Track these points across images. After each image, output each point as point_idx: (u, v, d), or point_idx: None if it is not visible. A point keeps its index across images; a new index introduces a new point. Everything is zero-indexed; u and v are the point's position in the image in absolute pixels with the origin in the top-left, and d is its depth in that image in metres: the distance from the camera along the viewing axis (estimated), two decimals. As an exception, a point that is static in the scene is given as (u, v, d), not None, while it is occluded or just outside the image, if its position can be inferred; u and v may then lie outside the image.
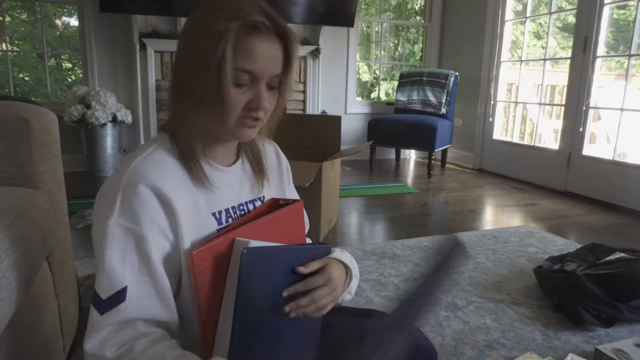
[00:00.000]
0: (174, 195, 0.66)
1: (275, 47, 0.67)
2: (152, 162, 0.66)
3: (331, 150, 2.39)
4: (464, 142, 4.50)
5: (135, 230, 0.63)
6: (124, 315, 0.62)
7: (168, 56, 3.77)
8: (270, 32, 0.66)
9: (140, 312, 0.63)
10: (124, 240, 0.62)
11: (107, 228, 0.62)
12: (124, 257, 0.62)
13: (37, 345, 0.93)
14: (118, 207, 0.62)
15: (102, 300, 0.61)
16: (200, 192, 0.71)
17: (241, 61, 0.64)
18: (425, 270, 0.72)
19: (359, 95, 5.29)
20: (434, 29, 4.80)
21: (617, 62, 3.91)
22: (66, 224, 1.17)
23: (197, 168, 0.70)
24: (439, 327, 1.45)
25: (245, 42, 0.64)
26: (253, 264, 0.65)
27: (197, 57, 0.65)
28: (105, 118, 3.38)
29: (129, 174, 0.64)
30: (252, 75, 0.66)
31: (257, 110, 0.68)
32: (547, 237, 2.34)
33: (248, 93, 0.67)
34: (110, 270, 0.62)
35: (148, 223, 0.64)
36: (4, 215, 0.80)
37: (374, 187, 3.45)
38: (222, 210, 0.74)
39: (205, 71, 0.64)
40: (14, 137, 0.97)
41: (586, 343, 1.38)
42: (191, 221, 0.68)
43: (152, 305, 0.64)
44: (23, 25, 4.20)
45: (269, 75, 0.67)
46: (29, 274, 0.84)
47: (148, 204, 0.64)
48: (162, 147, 0.69)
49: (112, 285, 0.62)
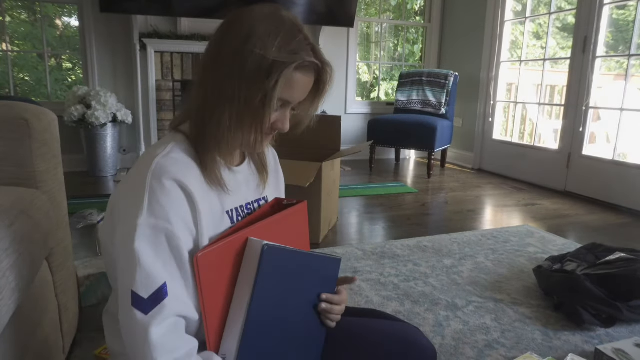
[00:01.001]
0: (196, 192, 0.67)
1: (311, 79, 0.71)
2: (173, 160, 0.67)
3: (331, 150, 2.39)
4: (463, 142, 4.50)
5: (166, 228, 0.63)
6: (170, 310, 0.62)
7: (168, 56, 3.77)
8: (314, 69, 0.71)
9: (179, 308, 0.64)
10: (156, 238, 0.63)
11: (137, 227, 0.62)
12: (158, 254, 0.63)
13: (37, 344, 0.93)
14: (147, 206, 0.62)
15: (144, 299, 0.61)
16: (214, 191, 0.72)
17: (284, 92, 0.68)
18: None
19: (359, 96, 5.29)
20: (433, 29, 4.80)
21: (616, 62, 3.91)
22: (66, 224, 1.17)
23: (215, 169, 0.72)
24: (438, 327, 1.45)
25: (293, 76, 0.67)
26: (271, 263, 0.66)
27: (244, 75, 0.66)
28: (106, 118, 3.38)
29: (153, 172, 0.64)
30: (286, 102, 0.70)
31: (280, 130, 0.73)
32: (546, 237, 2.34)
33: (276, 115, 0.71)
34: (147, 268, 0.61)
35: (178, 220, 0.64)
36: (4, 215, 0.80)
37: (374, 187, 3.46)
38: (233, 208, 0.76)
39: (249, 90, 0.66)
40: (15, 137, 0.97)
41: (586, 343, 1.38)
42: (209, 219, 0.69)
43: (185, 302, 0.65)
44: (23, 26, 4.20)
45: (297, 102, 0.72)
46: (29, 274, 0.84)
47: (176, 200, 0.64)
48: (179, 147, 0.70)
49: (152, 283, 0.62)
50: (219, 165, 0.73)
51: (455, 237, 2.32)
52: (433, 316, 1.52)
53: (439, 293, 1.69)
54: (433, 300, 1.63)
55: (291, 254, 0.71)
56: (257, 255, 0.65)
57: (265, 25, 0.67)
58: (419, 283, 1.76)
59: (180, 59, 3.80)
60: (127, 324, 0.62)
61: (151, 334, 0.60)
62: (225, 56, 0.67)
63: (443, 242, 2.23)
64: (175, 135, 0.73)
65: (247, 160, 0.83)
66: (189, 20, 3.76)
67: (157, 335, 0.61)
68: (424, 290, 1.71)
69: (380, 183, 3.63)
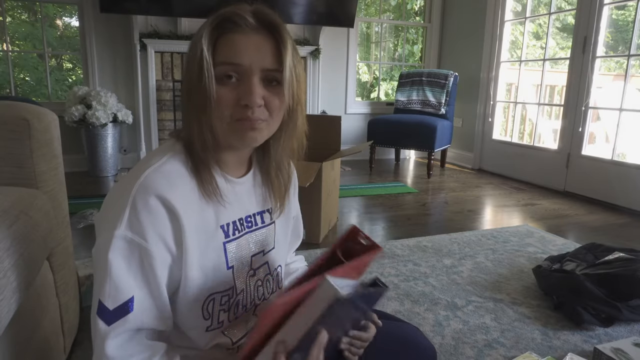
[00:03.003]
0: (182, 209, 0.65)
1: (260, 39, 0.65)
2: (163, 174, 0.65)
3: (331, 150, 2.39)
4: (463, 142, 4.50)
5: (140, 244, 0.62)
6: (131, 325, 0.62)
7: (168, 56, 3.77)
8: (253, 26, 0.65)
9: (144, 324, 0.64)
10: (130, 253, 0.62)
11: (114, 238, 0.61)
12: (129, 268, 0.62)
13: (38, 344, 0.93)
14: (126, 219, 0.62)
15: (109, 310, 0.61)
16: (210, 204, 0.70)
17: (223, 56, 0.64)
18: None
19: (359, 96, 5.30)
20: (433, 30, 4.81)
21: (616, 63, 3.92)
22: (67, 224, 1.18)
23: (210, 181, 0.69)
24: (438, 327, 1.45)
25: (226, 37, 0.65)
26: (339, 312, 0.61)
27: (187, 63, 0.67)
28: (106, 118, 3.39)
29: (139, 185, 0.63)
30: (238, 68, 0.64)
31: (249, 106, 0.64)
32: (546, 237, 2.35)
33: (237, 90, 0.65)
34: (117, 280, 0.61)
35: (154, 237, 0.63)
36: (4, 215, 0.80)
37: (374, 187, 3.46)
38: (229, 222, 0.73)
39: (192, 74, 0.64)
40: (15, 137, 0.98)
41: (585, 342, 1.39)
42: (198, 235, 0.68)
43: (153, 317, 0.65)
44: (23, 26, 4.20)
45: (257, 68, 0.65)
46: (29, 274, 0.84)
47: (156, 217, 0.63)
48: (175, 158, 0.68)
49: (119, 296, 0.62)
50: (214, 176, 0.71)
51: (455, 237, 2.32)
52: (433, 316, 1.52)
53: (438, 293, 1.69)
54: (433, 300, 1.63)
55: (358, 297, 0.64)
56: (328, 299, 0.59)
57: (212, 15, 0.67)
58: (419, 283, 1.77)
59: (180, 59, 3.80)
60: (92, 329, 0.63)
61: (107, 347, 0.61)
62: (185, 60, 0.70)
63: (443, 242, 2.23)
64: (174, 145, 0.70)
65: (251, 172, 0.79)
66: (189, 20, 3.77)
67: (112, 347, 0.61)
68: (423, 290, 1.71)
69: (380, 183, 3.63)
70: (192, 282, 0.68)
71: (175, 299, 0.69)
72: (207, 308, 0.71)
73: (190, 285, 0.68)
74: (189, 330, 0.72)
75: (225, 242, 0.72)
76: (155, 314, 0.65)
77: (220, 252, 0.71)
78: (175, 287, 0.69)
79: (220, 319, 0.73)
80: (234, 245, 0.74)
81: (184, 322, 0.71)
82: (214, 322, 0.72)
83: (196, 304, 0.70)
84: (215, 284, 0.71)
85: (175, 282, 0.68)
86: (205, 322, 0.71)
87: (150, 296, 0.64)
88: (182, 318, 0.71)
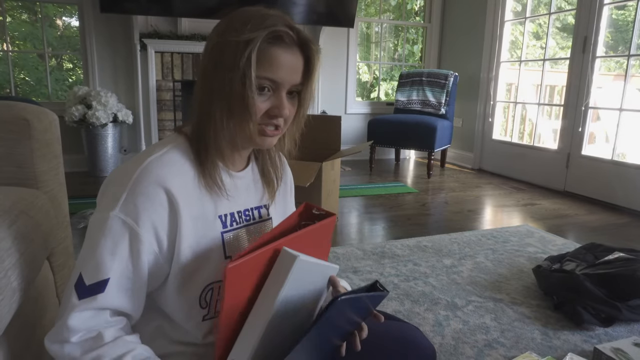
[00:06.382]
0: (181, 197, 0.67)
1: (296, 57, 0.69)
2: (165, 162, 0.68)
3: (331, 150, 2.39)
4: (463, 142, 4.50)
5: (132, 227, 0.64)
6: (98, 304, 0.64)
7: (168, 56, 3.77)
8: (293, 42, 0.69)
9: (113, 304, 0.65)
10: (119, 234, 0.64)
11: (108, 219, 0.64)
12: (115, 250, 0.64)
13: (38, 344, 0.93)
14: (122, 201, 0.64)
15: (85, 285, 0.63)
16: (209, 195, 0.72)
17: (264, 69, 0.67)
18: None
19: (359, 96, 5.30)
20: (433, 30, 4.81)
21: (616, 63, 3.92)
22: (67, 224, 1.18)
23: (212, 172, 0.72)
24: (438, 327, 1.45)
25: (269, 51, 0.67)
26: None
27: (224, 64, 0.67)
28: (106, 118, 3.39)
29: (140, 170, 0.66)
30: (274, 83, 0.68)
31: (277, 117, 0.70)
32: (546, 237, 2.35)
33: (270, 101, 0.69)
34: (99, 259, 0.64)
35: (147, 223, 0.65)
36: (5, 215, 0.80)
37: (374, 187, 3.46)
38: (227, 213, 0.76)
39: (231, 78, 0.66)
40: (15, 137, 0.98)
41: (585, 342, 1.39)
42: (195, 223, 0.70)
43: (125, 300, 0.66)
44: (24, 26, 4.20)
45: (289, 84, 0.69)
46: (30, 274, 0.84)
47: (153, 204, 0.65)
48: (177, 148, 0.71)
49: (97, 274, 0.64)
50: (218, 169, 0.73)
51: (455, 237, 2.32)
52: (433, 316, 1.52)
53: (438, 293, 1.69)
54: (433, 300, 1.63)
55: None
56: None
57: (242, 15, 0.68)
58: (419, 283, 1.77)
59: (180, 59, 3.80)
60: (64, 298, 0.65)
61: (70, 318, 0.62)
62: (211, 53, 0.70)
63: (443, 242, 2.23)
64: (177, 137, 0.73)
65: (250, 166, 0.82)
66: (189, 20, 3.77)
67: (75, 319, 0.62)
68: (423, 289, 1.71)
69: (380, 183, 3.63)
70: (187, 270, 0.70)
71: (172, 289, 0.71)
72: (205, 297, 0.73)
73: (185, 273, 0.70)
74: (186, 321, 0.73)
75: (223, 232, 0.74)
76: (128, 298, 0.67)
77: (218, 241, 0.73)
78: (163, 275, 0.70)
79: (217, 308, 0.75)
80: (232, 236, 0.76)
81: (181, 312, 0.73)
82: (210, 311, 0.74)
83: (194, 293, 0.71)
84: (214, 273, 0.73)
85: (162, 271, 0.70)
86: (202, 310, 0.73)
87: (130, 280, 0.66)
88: (179, 308, 0.72)
